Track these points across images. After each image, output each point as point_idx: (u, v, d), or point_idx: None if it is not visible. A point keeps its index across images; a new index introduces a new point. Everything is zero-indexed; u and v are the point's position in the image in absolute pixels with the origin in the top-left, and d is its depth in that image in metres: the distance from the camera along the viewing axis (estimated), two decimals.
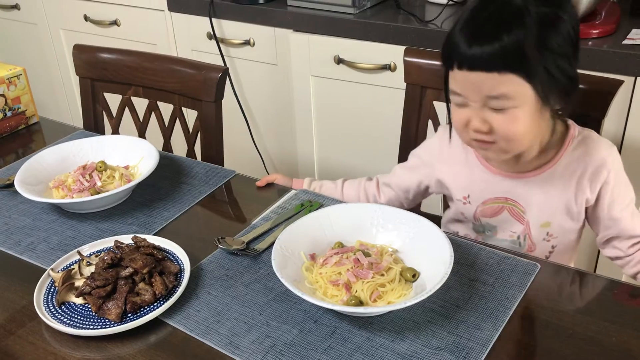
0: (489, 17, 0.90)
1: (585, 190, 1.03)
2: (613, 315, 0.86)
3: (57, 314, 0.91)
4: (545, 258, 1.11)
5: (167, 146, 1.52)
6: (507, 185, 1.07)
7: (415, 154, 1.20)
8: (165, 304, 0.90)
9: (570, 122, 1.05)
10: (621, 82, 1.13)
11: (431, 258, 0.92)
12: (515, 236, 1.11)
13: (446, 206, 1.25)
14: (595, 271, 1.65)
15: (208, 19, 1.98)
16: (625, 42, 1.47)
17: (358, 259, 0.92)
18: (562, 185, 1.04)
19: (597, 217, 1.06)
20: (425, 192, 1.21)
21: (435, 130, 1.23)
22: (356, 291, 0.88)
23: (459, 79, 0.93)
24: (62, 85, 2.62)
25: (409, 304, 0.82)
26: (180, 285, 0.94)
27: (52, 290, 0.95)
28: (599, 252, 1.63)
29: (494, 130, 0.94)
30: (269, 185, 1.24)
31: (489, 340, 0.82)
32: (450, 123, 1.06)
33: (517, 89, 0.90)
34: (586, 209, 1.06)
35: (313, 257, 0.97)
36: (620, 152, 1.50)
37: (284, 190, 1.21)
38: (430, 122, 1.37)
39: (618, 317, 0.86)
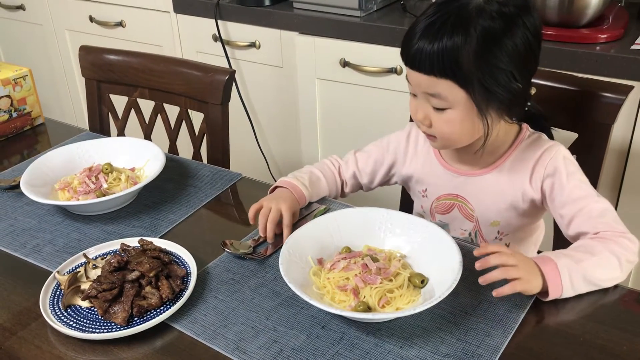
0: (438, 20, 0.92)
1: (529, 187, 1.04)
2: (624, 323, 0.85)
3: (63, 317, 0.90)
4: None
5: (173, 148, 1.51)
6: (458, 182, 1.09)
7: (388, 138, 1.20)
8: (172, 307, 0.90)
9: (524, 125, 1.06)
10: (631, 88, 1.13)
11: (440, 264, 0.91)
12: (466, 233, 1.13)
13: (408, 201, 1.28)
14: None
15: (214, 20, 1.98)
16: (633, 47, 1.46)
17: (366, 264, 0.91)
18: (508, 184, 1.05)
19: (552, 210, 1.04)
20: (387, 174, 1.20)
21: None
22: (364, 297, 0.88)
23: (408, 72, 0.98)
24: (67, 86, 2.62)
25: (417, 310, 0.81)
26: (187, 289, 0.93)
27: (58, 293, 0.95)
28: None
29: (433, 126, 0.99)
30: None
31: (498, 347, 0.82)
32: None
33: (452, 93, 0.94)
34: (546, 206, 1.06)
35: (320, 261, 0.96)
36: (627, 158, 1.49)
37: None
38: None
39: (629, 325, 0.85)
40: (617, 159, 1.50)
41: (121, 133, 1.56)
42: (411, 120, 1.36)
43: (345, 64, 1.78)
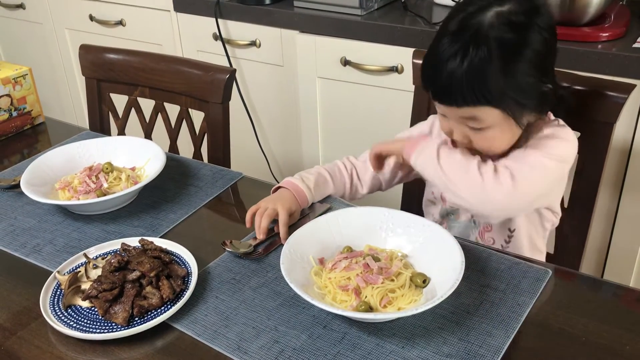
0: (457, 51, 0.91)
1: None
2: (627, 323, 0.85)
3: (63, 317, 0.90)
4: (506, 242, 1.13)
5: (173, 147, 1.51)
6: None
7: (410, 132, 1.20)
8: (173, 308, 0.89)
9: (548, 115, 1.06)
10: (633, 86, 1.12)
11: (441, 263, 0.91)
12: (469, 215, 1.14)
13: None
14: (602, 276, 1.64)
15: (214, 19, 1.98)
16: (635, 45, 1.46)
17: (367, 264, 0.91)
18: None
19: None
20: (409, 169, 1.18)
21: None
22: (366, 296, 0.87)
23: (437, 104, 0.99)
24: (67, 85, 2.61)
25: (419, 310, 0.81)
26: (187, 289, 0.93)
27: (58, 293, 0.94)
28: (606, 257, 1.61)
29: (473, 143, 1.00)
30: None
31: (500, 347, 0.81)
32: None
33: (488, 114, 0.95)
34: None
35: (322, 261, 0.96)
36: (629, 157, 1.49)
37: None
38: None
39: (631, 324, 0.85)
40: (619, 158, 1.49)
41: (121, 132, 1.56)
42: (413, 116, 1.36)
43: (346, 62, 1.78)
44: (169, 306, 0.90)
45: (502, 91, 0.92)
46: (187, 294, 0.91)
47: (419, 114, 1.36)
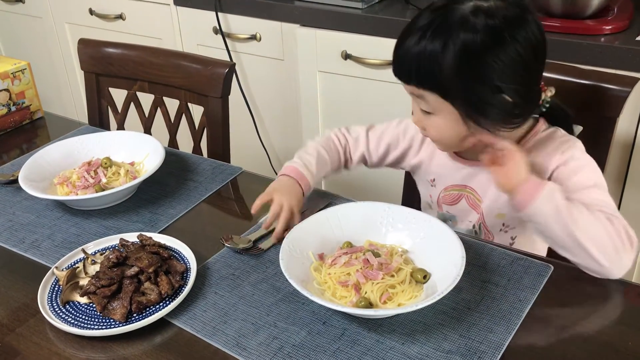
0: (422, 28, 0.89)
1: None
2: (629, 319, 0.84)
3: (61, 314, 0.89)
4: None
5: (172, 142, 1.50)
6: (467, 173, 1.08)
7: (406, 123, 1.16)
8: (172, 304, 0.89)
9: (541, 119, 1.03)
10: (637, 80, 1.11)
11: (442, 259, 0.90)
12: (471, 225, 1.12)
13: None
14: None
15: (214, 13, 1.96)
16: (639, 38, 1.44)
17: (367, 260, 0.90)
18: None
19: None
20: (399, 158, 1.17)
21: None
22: (365, 292, 0.87)
23: None
24: (67, 79, 2.61)
25: (420, 306, 0.80)
26: (186, 285, 0.92)
27: (56, 289, 0.94)
28: None
29: (425, 129, 0.98)
30: None
31: (501, 343, 0.81)
32: None
33: (435, 100, 0.92)
34: None
35: (321, 257, 0.95)
36: (632, 151, 1.48)
37: None
38: None
39: (634, 320, 0.84)
40: (621, 152, 1.48)
41: (121, 127, 1.55)
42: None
43: (347, 56, 1.77)
44: (168, 302, 0.90)
45: (450, 83, 0.88)
46: (186, 290, 0.91)
47: None
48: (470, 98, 0.90)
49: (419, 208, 1.27)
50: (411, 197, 1.38)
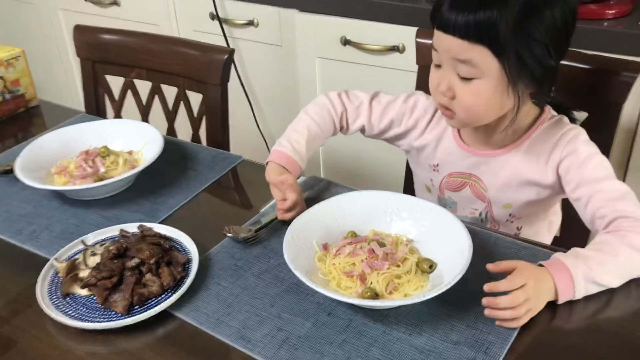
0: None
1: (546, 169, 1.00)
2: (637, 309, 0.83)
3: (61, 306, 0.88)
4: None
5: (171, 130, 1.48)
6: (474, 161, 1.06)
7: (415, 99, 1.12)
8: (174, 295, 0.87)
9: (547, 107, 1.03)
10: None
11: (448, 248, 0.89)
12: (476, 213, 1.10)
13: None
14: None
15: None
16: None
17: (373, 250, 0.89)
18: (525, 166, 1.01)
19: (569, 193, 0.99)
20: (400, 136, 1.13)
21: None
22: (371, 283, 0.85)
23: (436, 37, 0.94)
24: (62, 67, 2.57)
25: (427, 297, 0.79)
26: (188, 276, 0.91)
27: (56, 281, 0.92)
28: None
29: (456, 98, 0.94)
30: None
31: (510, 334, 0.80)
32: None
33: (485, 61, 0.89)
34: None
35: (325, 247, 0.93)
36: (634, 136, 1.46)
37: None
38: None
39: None
40: (624, 138, 1.47)
41: (118, 115, 1.52)
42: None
43: (346, 42, 1.74)
44: (170, 294, 0.88)
45: (507, 39, 0.86)
46: (188, 281, 0.89)
47: None
48: (522, 55, 0.88)
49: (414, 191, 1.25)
50: (412, 184, 1.37)
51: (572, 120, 1.06)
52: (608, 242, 0.86)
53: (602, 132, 1.13)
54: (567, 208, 1.17)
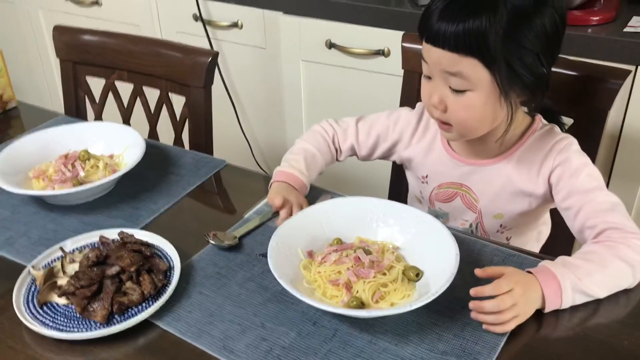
0: (459, 0, 0.87)
1: (537, 179, 0.99)
2: (625, 318, 0.83)
3: (38, 316, 0.85)
4: None
5: (153, 133, 1.45)
6: (464, 171, 1.05)
7: (398, 113, 1.13)
8: (155, 304, 0.85)
9: (538, 116, 1.02)
10: (629, 72, 1.10)
11: (435, 256, 0.87)
12: (467, 224, 1.10)
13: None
14: None
15: None
16: (626, 29, 1.43)
17: (359, 257, 0.87)
18: (516, 176, 1.01)
19: (558, 203, 0.99)
20: (389, 151, 1.14)
21: None
22: (357, 291, 0.84)
23: (425, 50, 0.92)
24: (42, 67, 2.52)
25: (414, 307, 0.77)
26: (170, 284, 0.88)
27: (33, 289, 0.89)
28: None
29: (448, 111, 0.93)
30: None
31: (497, 343, 0.79)
32: None
33: (475, 72, 0.88)
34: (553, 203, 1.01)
35: (310, 254, 0.92)
36: (618, 143, 1.47)
37: None
38: None
39: (630, 319, 0.83)
40: (608, 144, 1.48)
41: (99, 117, 1.50)
42: (401, 102, 1.32)
43: (331, 45, 1.73)
44: (151, 302, 0.86)
45: (497, 50, 0.85)
46: (170, 290, 0.87)
47: (407, 99, 1.32)
48: (513, 64, 0.87)
49: (405, 199, 1.25)
50: (398, 189, 1.36)
51: (562, 125, 1.05)
52: (597, 252, 0.85)
53: (588, 139, 1.13)
54: (553, 216, 1.17)
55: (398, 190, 1.35)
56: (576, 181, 0.94)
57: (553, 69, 1.12)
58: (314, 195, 1.08)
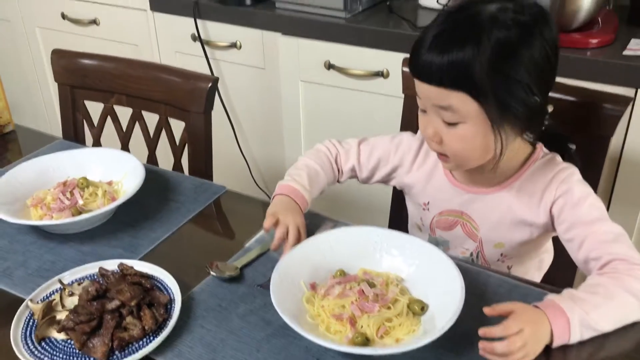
0: (448, 29, 0.87)
1: (538, 209, 0.98)
2: (632, 352, 0.82)
3: (36, 352, 0.84)
4: None
5: (152, 158, 1.44)
6: (465, 199, 1.04)
7: (400, 137, 1.13)
8: (156, 340, 0.84)
9: (539, 145, 1.01)
10: (631, 99, 1.10)
11: (440, 288, 0.87)
12: (467, 253, 1.09)
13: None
14: None
15: (192, 19, 1.91)
16: (625, 52, 1.43)
17: (363, 290, 0.86)
18: (517, 205, 1.00)
19: (561, 234, 0.98)
20: (389, 175, 1.13)
21: None
22: (361, 326, 0.83)
23: (416, 85, 0.92)
24: (39, 87, 2.51)
25: (420, 344, 0.76)
26: (170, 318, 0.87)
27: (31, 323, 0.88)
28: None
29: (443, 143, 0.93)
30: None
31: None
32: None
33: (464, 105, 0.88)
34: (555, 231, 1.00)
35: (313, 286, 0.91)
36: (618, 165, 1.47)
37: None
38: None
39: (637, 353, 0.82)
40: (608, 168, 1.47)
41: (97, 141, 1.48)
42: (402, 125, 1.31)
43: (330, 66, 1.73)
44: (152, 338, 0.84)
45: (484, 82, 0.85)
46: (171, 324, 0.86)
47: (408, 123, 1.32)
48: (502, 97, 0.87)
49: (406, 225, 1.23)
50: (399, 214, 1.35)
51: (568, 151, 1.03)
52: (603, 284, 0.84)
53: (590, 165, 1.12)
54: (555, 243, 1.16)
55: (399, 215, 1.34)
56: (579, 212, 0.93)
57: (554, 95, 1.13)
58: (315, 223, 1.07)
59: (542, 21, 0.88)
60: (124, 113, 1.44)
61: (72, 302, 0.90)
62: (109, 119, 1.46)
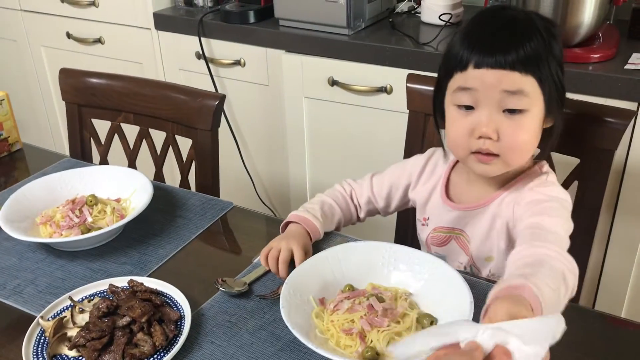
0: (507, 18, 0.93)
1: (514, 218, 0.98)
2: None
3: None
4: None
5: (159, 175, 1.45)
6: (456, 216, 1.06)
7: (407, 160, 1.15)
8: (166, 356, 0.84)
9: (543, 162, 1.02)
10: (634, 113, 1.10)
11: (448, 302, 0.87)
12: (462, 267, 1.09)
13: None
14: (595, 301, 1.62)
15: (197, 37, 1.93)
16: (627, 66, 1.45)
17: (372, 305, 0.87)
18: (502, 213, 1.00)
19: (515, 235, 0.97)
20: (404, 197, 1.14)
21: None
22: (371, 341, 0.83)
23: (474, 76, 0.91)
24: (44, 106, 2.53)
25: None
26: (181, 334, 0.88)
27: (42, 341, 0.88)
28: (599, 281, 1.59)
29: (500, 138, 0.92)
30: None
31: None
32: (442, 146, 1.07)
33: (533, 89, 0.91)
34: None
35: (322, 301, 0.91)
36: (622, 179, 1.48)
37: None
38: None
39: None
40: (612, 180, 1.48)
41: (104, 159, 1.50)
42: (414, 148, 1.31)
43: (333, 82, 1.74)
44: (163, 354, 0.85)
45: (545, 68, 0.91)
46: (181, 340, 0.86)
47: (413, 140, 1.33)
48: (554, 80, 0.93)
49: (411, 243, 1.24)
50: (404, 234, 1.35)
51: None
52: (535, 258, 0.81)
53: (594, 179, 1.13)
54: None
55: (404, 233, 1.35)
56: (532, 195, 0.95)
57: None
58: (324, 239, 1.08)
59: (554, 35, 0.94)
60: (131, 130, 1.46)
61: (82, 319, 0.90)
62: (115, 137, 1.47)
